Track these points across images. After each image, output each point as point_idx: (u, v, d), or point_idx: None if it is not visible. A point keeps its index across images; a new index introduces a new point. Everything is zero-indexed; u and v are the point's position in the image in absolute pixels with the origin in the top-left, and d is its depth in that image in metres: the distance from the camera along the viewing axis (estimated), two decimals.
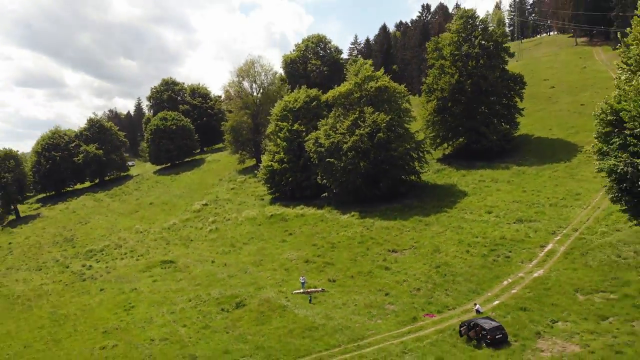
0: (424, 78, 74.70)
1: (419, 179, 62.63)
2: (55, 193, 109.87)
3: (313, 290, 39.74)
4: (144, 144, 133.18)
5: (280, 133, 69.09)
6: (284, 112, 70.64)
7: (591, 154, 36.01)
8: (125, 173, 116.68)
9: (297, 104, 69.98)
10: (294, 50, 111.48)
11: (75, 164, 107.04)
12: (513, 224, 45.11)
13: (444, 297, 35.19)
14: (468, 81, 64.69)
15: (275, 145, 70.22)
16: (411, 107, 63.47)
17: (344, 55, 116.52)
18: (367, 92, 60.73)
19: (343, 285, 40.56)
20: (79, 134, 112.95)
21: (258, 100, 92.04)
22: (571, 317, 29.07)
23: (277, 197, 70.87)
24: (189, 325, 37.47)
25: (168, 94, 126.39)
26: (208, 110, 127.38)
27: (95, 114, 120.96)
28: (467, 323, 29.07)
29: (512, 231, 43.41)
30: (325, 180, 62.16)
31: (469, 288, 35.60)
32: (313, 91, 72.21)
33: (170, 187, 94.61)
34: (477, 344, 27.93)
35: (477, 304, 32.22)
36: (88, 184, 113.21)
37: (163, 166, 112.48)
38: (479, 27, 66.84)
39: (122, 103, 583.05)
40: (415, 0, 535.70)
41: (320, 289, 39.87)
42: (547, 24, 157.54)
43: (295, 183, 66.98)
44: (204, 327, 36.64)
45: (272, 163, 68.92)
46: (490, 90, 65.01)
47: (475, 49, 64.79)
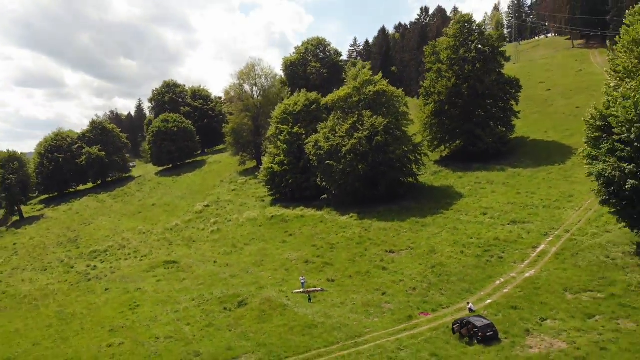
0: (421, 81, 75.83)
1: (416, 181, 63.76)
2: (58, 194, 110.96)
3: (313, 289, 40.80)
4: (145, 145, 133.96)
5: (281, 136, 70.13)
6: (284, 115, 71.75)
7: (582, 158, 37.25)
8: (127, 174, 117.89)
9: (297, 107, 71.11)
10: (293, 53, 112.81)
11: (78, 166, 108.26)
12: (507, 225, 46.33)
13: (438, 296, 36.38)
14: (465, 85, 65.88)
15: (276, 147, 71.23)
16: (409, 110, 64.64)
17: (343, 57, 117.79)
18: (366, 96, 61.73)
19: (341, 284, 41.66)
20: (82, 135, 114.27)
21: (258, 103, 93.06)
22: (559, 315, 30.29)
23: (277, 198, 71.88)
24: (193, 323, 38.48)
25: (169, 96, 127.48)
26: (209, 112, 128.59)
27: (97, 116, 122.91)
28: (459, 321, 30.23)
29: (506, 232, 44.64)
30: (324, 182, 63.20)
31: (463, 288, 36.78)
32: (313, 95, 73.32)
33: (172, 189, 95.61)
34: (469, 341, 29.12)
35: (470, 303, 33.29)
36: (90, 185, 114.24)
37: (165, 167, 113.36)
38: (476, 32, 67.89)
39: (122, 103, 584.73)
40: (415, 0, 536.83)
41: (319, 289, 40.93)
42: (545, 26, 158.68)
43: (296, 185, 67.97)
44: (208, 325, 37.66)
45: (272, 165, 69.95)
46: (487, 93, 66.22)
47: (472, 53, 65.93)
